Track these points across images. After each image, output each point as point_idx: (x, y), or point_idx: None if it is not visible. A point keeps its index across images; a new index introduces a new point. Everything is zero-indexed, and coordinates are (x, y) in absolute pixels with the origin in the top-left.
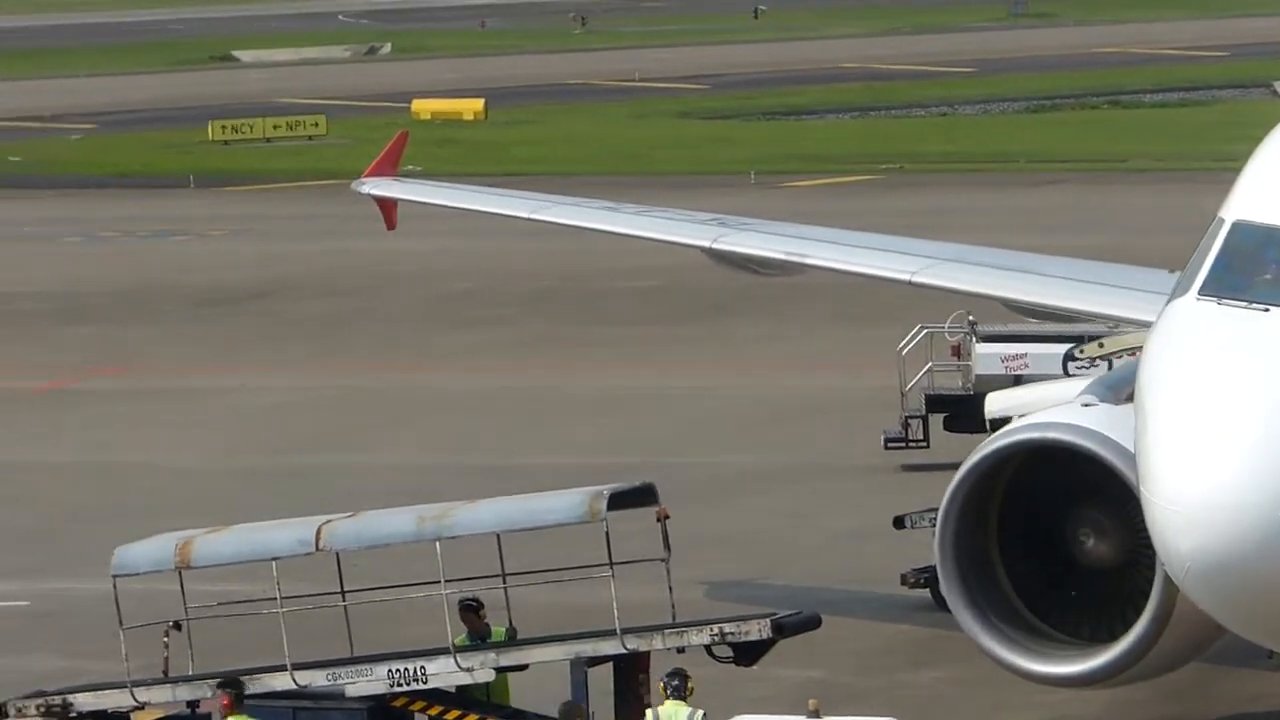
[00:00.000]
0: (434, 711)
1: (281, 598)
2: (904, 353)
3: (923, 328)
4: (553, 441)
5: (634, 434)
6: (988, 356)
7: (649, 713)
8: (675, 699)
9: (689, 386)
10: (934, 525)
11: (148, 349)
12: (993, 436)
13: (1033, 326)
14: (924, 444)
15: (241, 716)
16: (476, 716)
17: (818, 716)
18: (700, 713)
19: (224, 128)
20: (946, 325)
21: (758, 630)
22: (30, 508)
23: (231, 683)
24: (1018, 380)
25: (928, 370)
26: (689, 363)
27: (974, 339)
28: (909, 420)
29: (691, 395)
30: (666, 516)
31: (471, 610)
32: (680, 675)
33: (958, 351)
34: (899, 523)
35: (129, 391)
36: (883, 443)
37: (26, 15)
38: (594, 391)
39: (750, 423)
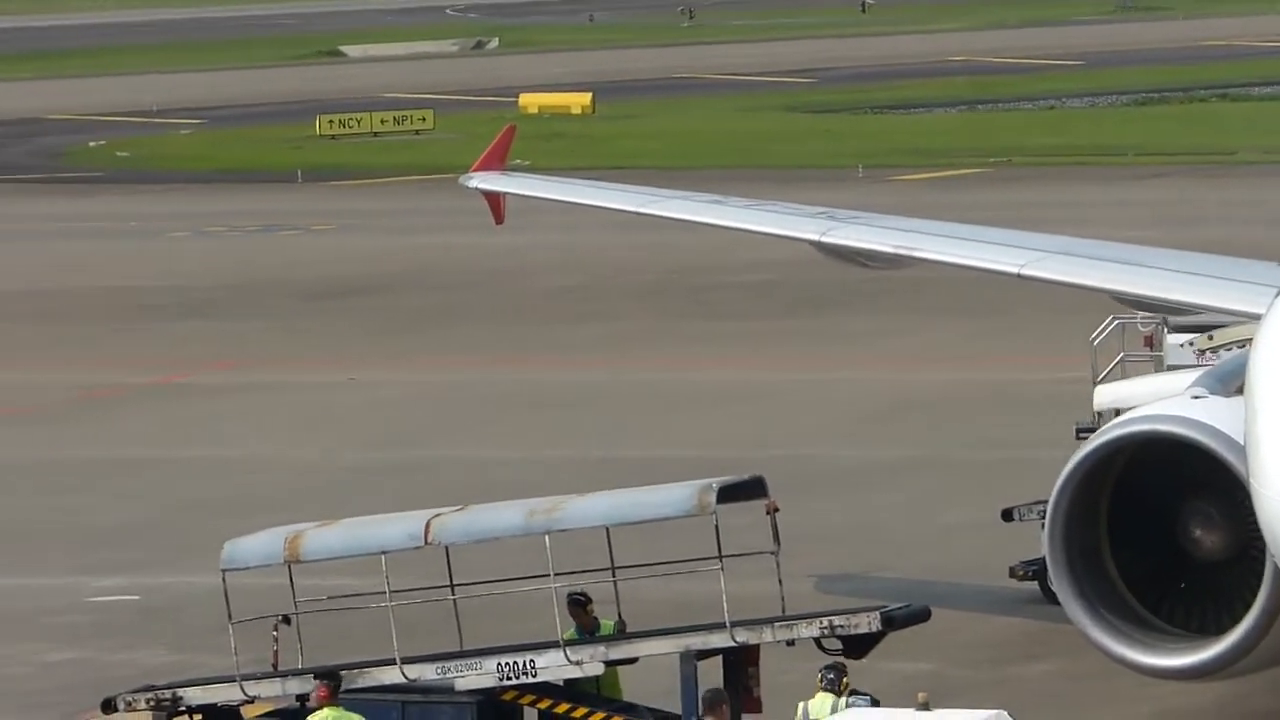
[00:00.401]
0: (543, 705)
1: (391, 592)
2: (1094, 343)
3: (1114, 318)
4: (663, 435)
5: (744, 428)
6: (1179, 348)
7: (800, 705)
8: (828, 691)
9: (799, 381)
10: (1043, 518)
11: (257, 343)
12: (1102, 429)
13: (1225, 318)
14: None
15: (338, 709)
16: (586, 710)
17: (926, 709)
18: (844, 700)
19: (331, 122)
20: (1139, 316)
21: (867, 623)
22: (140, 502)
23: (329, 674)
24: None
25: (1119, 361)
26: (799, 357)
27: (1166, 329)
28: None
29: (801, 389)
30: (776, 509)
31: (579, 605)
32: (837, 669)
33: (1150, 342)
34: (1007, 515)
35: (239, 386)
36: (1074, 433)
37: (135, 11)
38: (704, 386)
39: (861, 417)
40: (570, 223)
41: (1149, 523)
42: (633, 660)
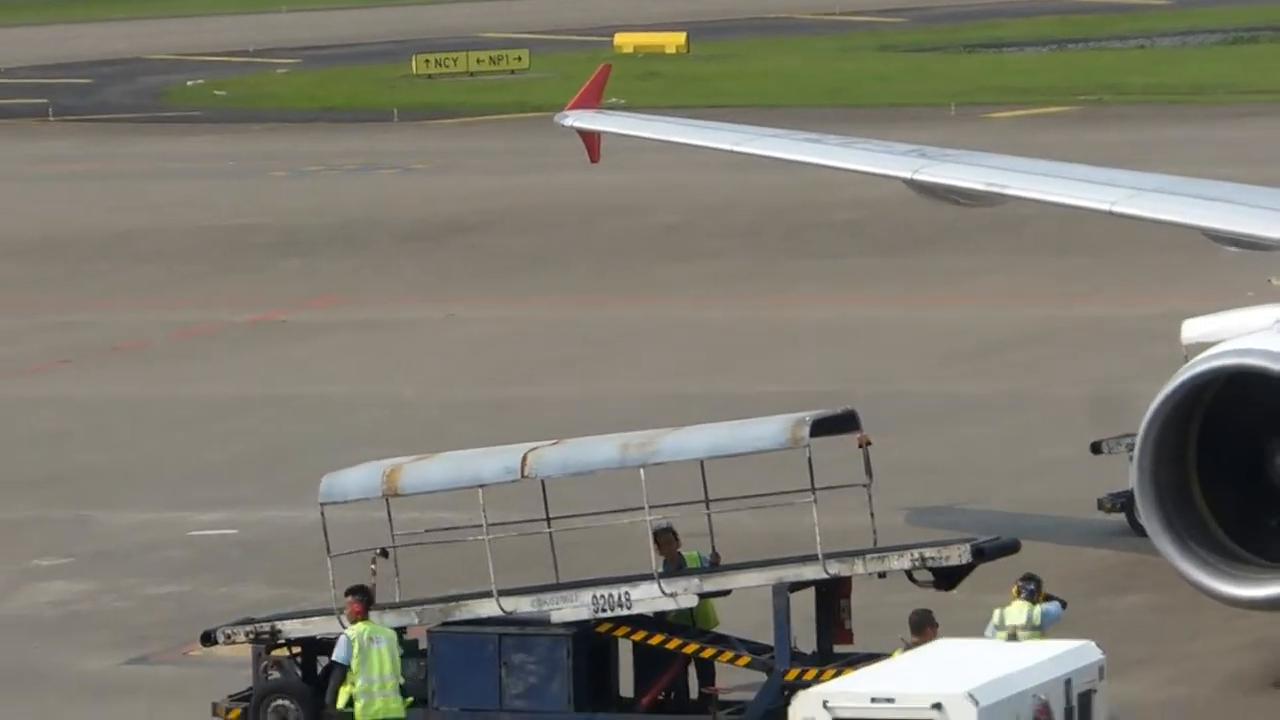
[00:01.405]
0: (637, 637)
1: (487, 525)
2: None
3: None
4: (759, 371)
5: (838, 364)
6: None
7: (996, 612)
8: (1025, 600)
9: (892, 318)
10: (1131, 451)
11: (356, 281)
12: (1190, 363)
13: None
14: None
15: (370, 623)
16: (679, 642)
17: (1015, 639)
18: (1039, 609)
19: (427, 62)
20: None
21: (957, 555)
22: (240, 438)
23: (359, 590)
24: None
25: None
26: (892, 294)
27: None
28: None
29: (895, 326)
30: (868, 443)
31: (667, 539)
32: (1035, 580)
33: None
34: (1096, 448)
35: (337, 323)
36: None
37: None
38: (801, 323)
39: (953, 353)
40: (665, 162)
41: (1237, 456)
42: (726, 593)
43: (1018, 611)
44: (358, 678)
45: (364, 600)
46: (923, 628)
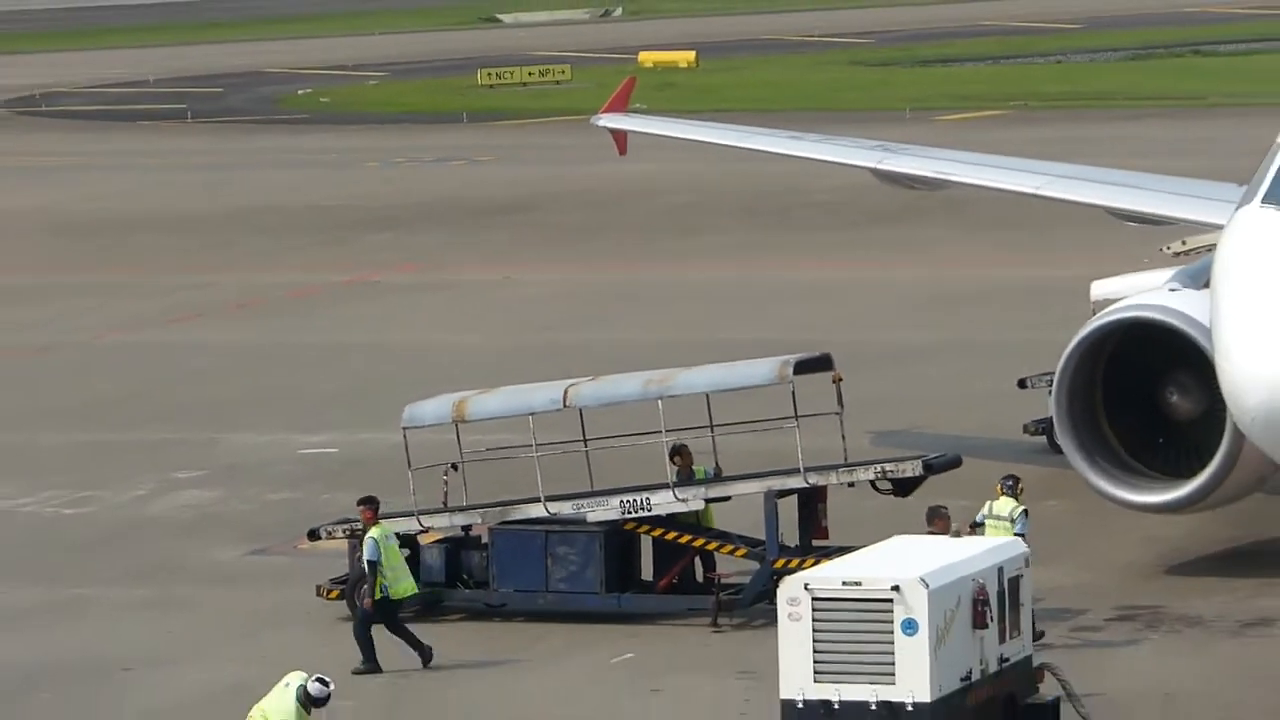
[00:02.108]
0: (655, 533)
1: (536, 445)
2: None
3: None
4: (754, 322)
5: (816, 316)
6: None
7: (987, 504)
8: (1008, 495)
9: (861, 279)
10: (1050, 386)
11: (434, 251)
12: (1098, 315)
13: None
14: None
15: (380, 526)
16: (689, 537)
17: (959, 536)
18: (1022, 508)
19: (489, 75)
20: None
21: (911, 469)
22: (339, 377)
23: (369, 500)
24: None
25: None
26: (862, 261)
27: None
28: None
29: (863, 286)
30: (840, 380)
31: (681, 455)
32: (1014, 478)
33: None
34: (1022, 384)
35: (419, 284)
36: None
37: None
38: (789, 283)
39: (910, 307)
40: (679, 155)
41: (1134, 390)
42: (726, 498)
43: (1003, 505)
44: (385, 569)
45: (373, 508)
46: (933, 519)
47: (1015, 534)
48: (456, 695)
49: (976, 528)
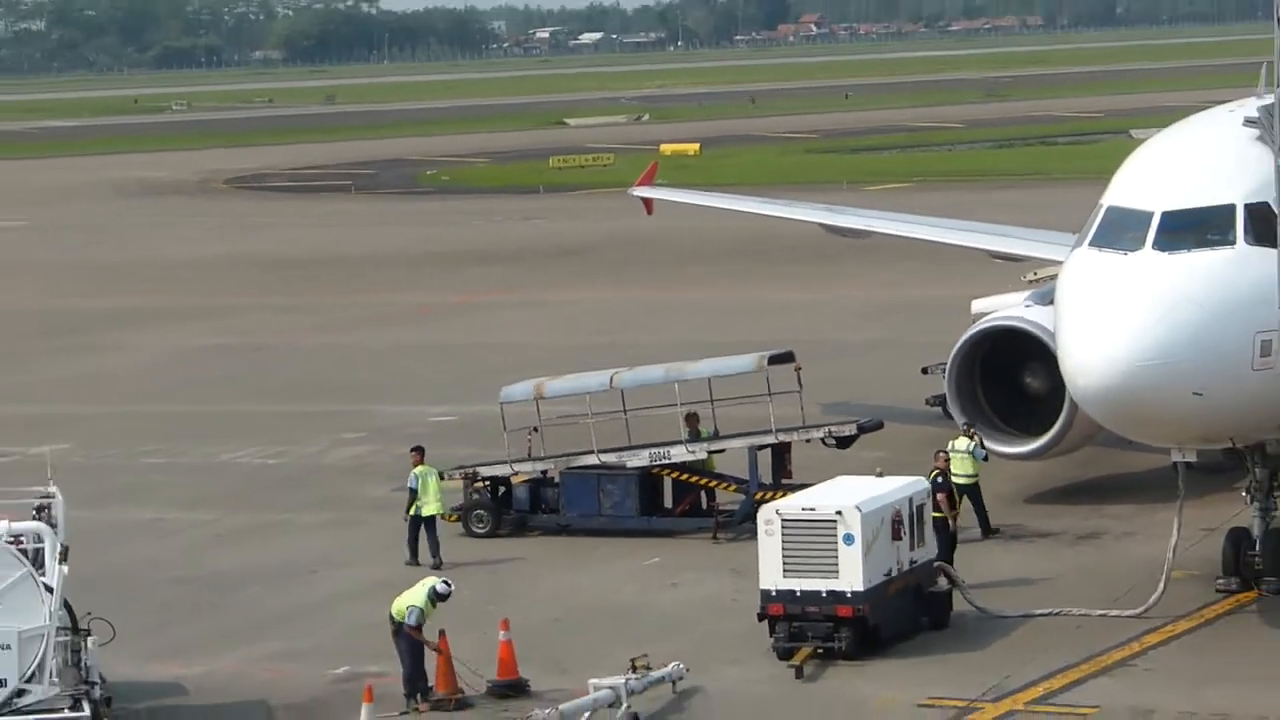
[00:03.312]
0: (674, 475)
1: (592, 414)
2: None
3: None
4: (742, 328)
5: (785, 323)
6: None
7: (949, 443)
8: (964, 436)
9: (817, 298)
10: (944, 372)
11: (520, 279)
12: (976, 323)
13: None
14: None
15: (424, 466)
16: (698, 478)
17: (881, 477)
18: (977, 441)
19: (559, 160)
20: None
21: (848, 430)
22: (454, 367)
23: (417, 448)
24: None
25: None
26: (818, 286)
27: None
28: None
29: (819, 303)
30: (799, 368)
31: (691, 421)
32: (970, 423)
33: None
34: (924, 370)
35: (511, 303)
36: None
37: (458, 99)
38: (764, 302)
39: (851, 317)
40: (688, 214)
41: (1002, 375)
42: (722, 451)
43: (962, 442)
44: (421, 495)
45: (419, 452)
46: (936, 455)
47: (979, 459)
48: (540, 585)
49: (943, 454)
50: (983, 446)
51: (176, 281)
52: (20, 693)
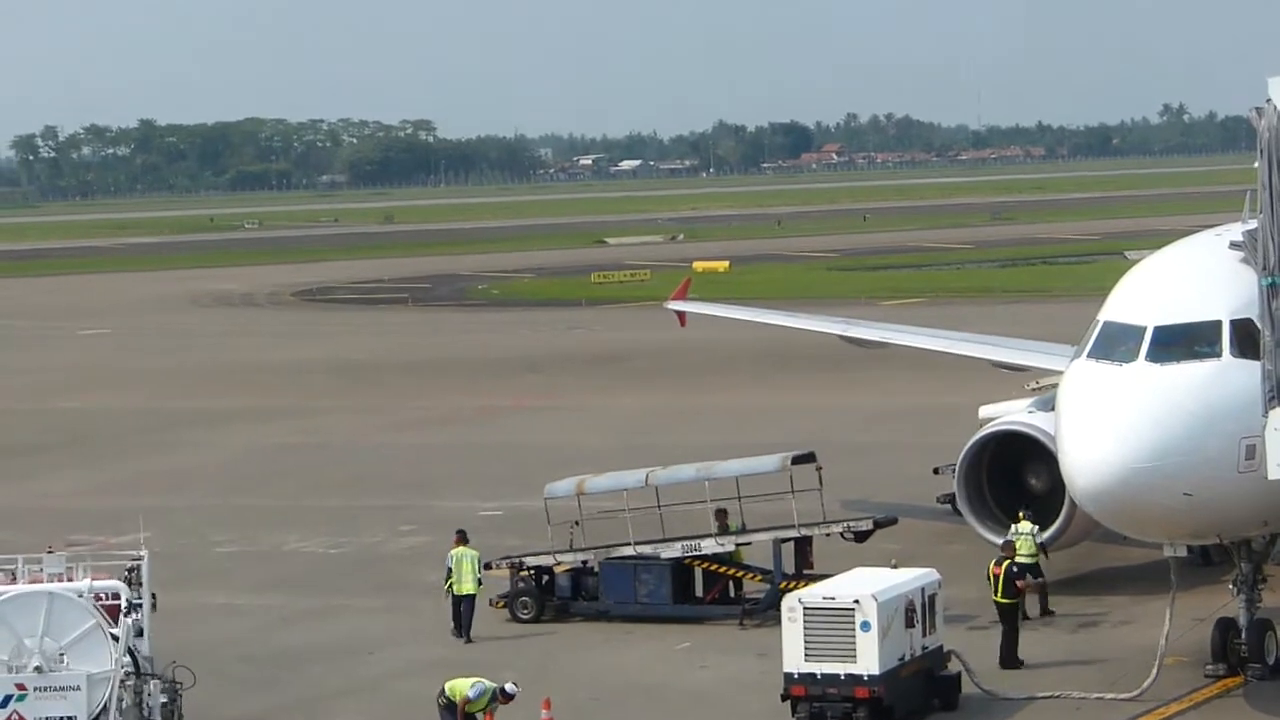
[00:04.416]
0: (704, 565)
1: (629, 509)
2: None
3: (1033, 383)
4: (767, 431)
5: (805, 426)
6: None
7: (1012, 526)
8: (1026, 519)
9: (833, 402)
10: (953, 472)
11: (565, 385)
12: (984, 427)
13: (1048, 373)
14: None
15: (462, 548)
16: (725, 568)
17: (896, 568)
18: (1036, 527)
19: (600, 275)
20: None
21: (865, 525)
22: (505, 465)
23: (461, 531)
24: None
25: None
26: (834, 391)
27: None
28: None
29: (834, 407)
30: (820, 468)
31: (720, 515)
32: (1030, 509)
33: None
34: (936, 470)
35: (555, 406)
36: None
37: (504, 219)
38: (787, 405)
39: (865, 420)
40: (719, 326)
41: (1006, 474)
42: (749, 543)
43: (1025, 525)
44: (455, 574)
45: (460, 535)
46: (1004, 547)
47: (1038, 544)
48: (579, 666)
49: (1007, 544)
50: (1036, 534)
51: (250, 385)
52: None
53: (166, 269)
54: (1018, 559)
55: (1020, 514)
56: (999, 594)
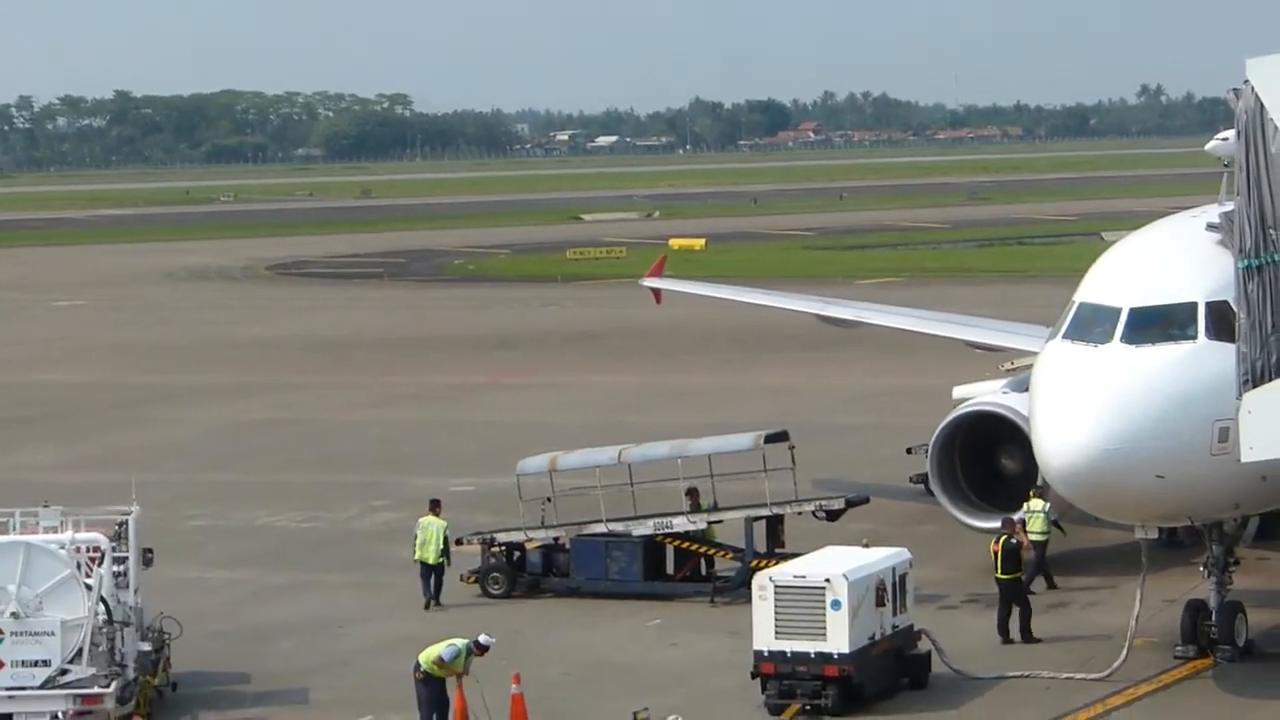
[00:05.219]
0: (676, 544)
1: (601, 485)
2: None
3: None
4: (740, 410)
5: (784, 405)
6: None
7: (1025, 504)
8: (1038, 497)
9: (809, 383)
10: (926, 452)
11: (539, 362)
12: (957, 408)
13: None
14: None
15: (431, 518)
16: (697, 546)
17: (867, 547)
18: (1048, 504)
19: (575, 252)
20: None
21: (837, 504)
22: (478, 442)
23: (435, 501)
24: None
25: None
26: (810, 370)
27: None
28: None
29: (810, 387)
30: (793, 447)
31: (692, 494)
32: (1041, 487)
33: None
34: (909, 450)
35: (531, 385)
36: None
37: (482, 194)
38: (762, 385)
39: (840, 400)
40: (694, 304)
41: (978, 455)
42: (720, 521)
43: (1036, 503)
44: (418, 544)
45: (434, 506)
46: (1011, 524)
47: (1052, 520)
48: (550, 642)
49: (1007, 521)
50: (1047, 510)
51: (223, 360)
52: (63, 671)
53: (141, 241)
54: (1032, 536)
55: (1031, 492)
56: (1000, 570)
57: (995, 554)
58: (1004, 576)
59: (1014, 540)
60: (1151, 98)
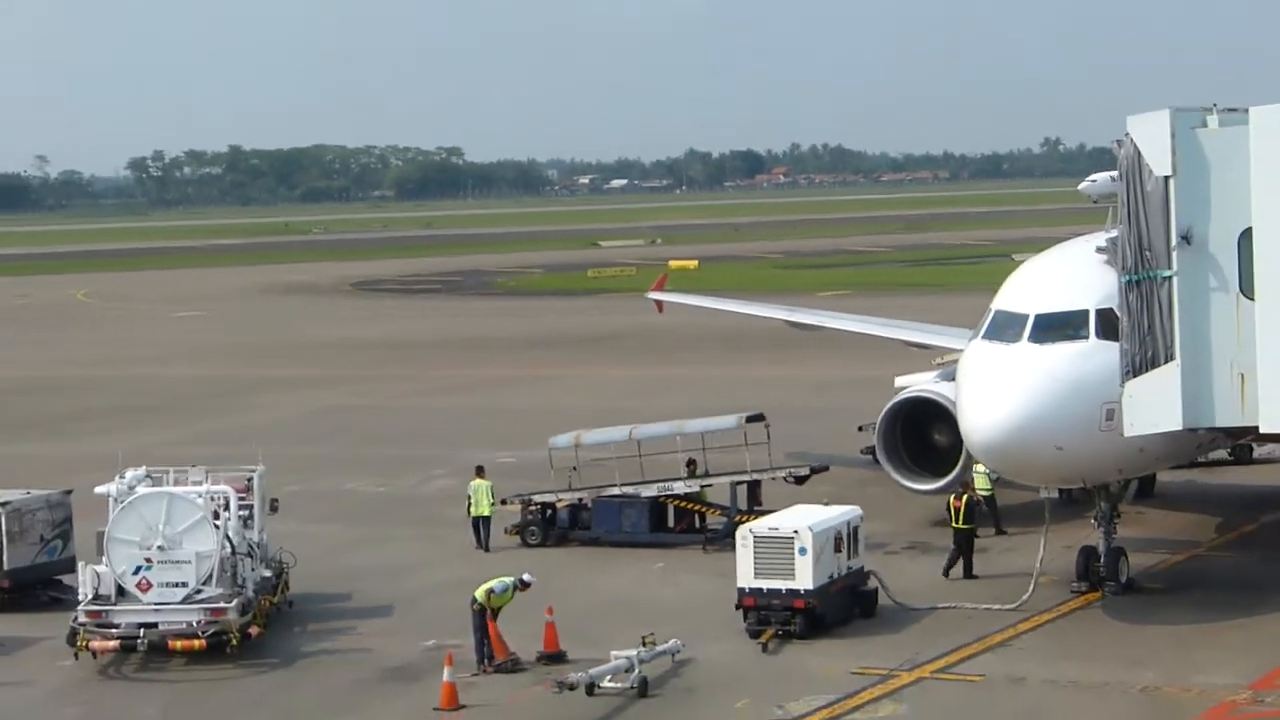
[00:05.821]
0: (675, 503)
1: (616, 457)
2: (934, 361)
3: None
4: (726, 397)
5: (758, 394)
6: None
7: (973, 468)
8: (981, 473)
9: (781, 375)
10: (874, 429)
11: (565, 359)
12: (899, 394)
13: (950, 350)
14: None
15: (480, 480)
16: (693, 504)
17: (827, 506)
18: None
19: (594, 271)
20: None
21: (803, 470)
22: (516, 422)
23: (480, 467)
24: None
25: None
26: (782, 365)
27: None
28: None
29: (782, 378)
30: (768, 425)
31: (689, 463)
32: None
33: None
34: (860, 428)
35: (557, 376)
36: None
37: (520, 227)
38: (743, 377)
39: (807, 388)
40: (689, 313)
41: (917, 431)
42: (711, 485)
43: (981, 468)
44: (474, 499)
45: (480, 471)
46: (959, 486)
47: (991, 478)
48: (576, 582)
49: (965, 482)
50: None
51: (312, 358)
52: (198, 591)
53: (248, 265)
54: (978, 492)
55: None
56: (958, 522)
57: (956, 509)
58: (961, 527)
59: (974, 499)
60: (1052, 147)
